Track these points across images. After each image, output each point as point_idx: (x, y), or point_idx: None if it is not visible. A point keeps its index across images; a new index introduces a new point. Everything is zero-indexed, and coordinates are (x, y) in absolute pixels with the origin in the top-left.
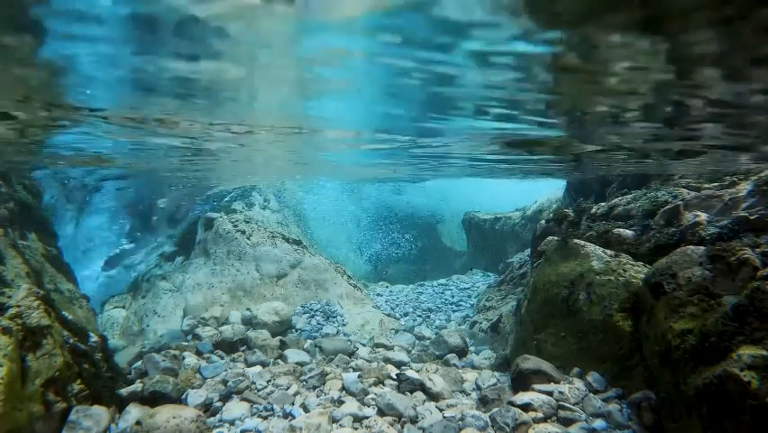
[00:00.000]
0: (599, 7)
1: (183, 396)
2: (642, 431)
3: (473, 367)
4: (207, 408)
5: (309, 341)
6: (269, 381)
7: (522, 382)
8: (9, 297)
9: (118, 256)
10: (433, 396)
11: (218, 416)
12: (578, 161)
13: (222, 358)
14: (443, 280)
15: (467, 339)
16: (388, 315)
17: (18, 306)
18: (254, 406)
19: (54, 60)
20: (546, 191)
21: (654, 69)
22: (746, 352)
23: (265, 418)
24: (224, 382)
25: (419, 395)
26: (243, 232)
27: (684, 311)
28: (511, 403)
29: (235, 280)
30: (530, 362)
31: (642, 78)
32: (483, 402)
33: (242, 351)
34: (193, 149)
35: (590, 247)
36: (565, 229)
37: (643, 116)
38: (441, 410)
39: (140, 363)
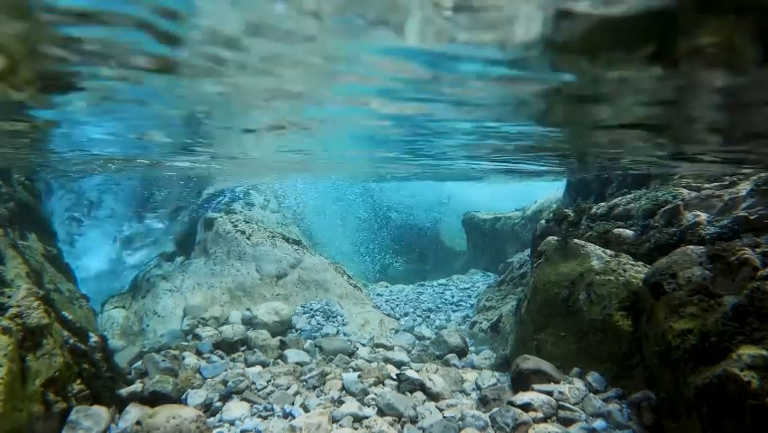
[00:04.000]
0: None
1: (183, 396)
2: (642, 431)
3: (473, 367)
4: (207, 408)
5: (309, 341)
6: (269, 381)
7: (522, 382)
8: (9, 297)
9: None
10: (433, 396)
11: (218, 416)
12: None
13: (222, 358)
14: (443, 280)
15: (467, 339)
16: (388, 315)
17: (18, 306)
18: (254, 406)
19: None
20: (546, 191)
21: None
22: (746, 352)
23: (265, 418)
24: (224, 382)
25: (419, 395)
26: (243, 232)
27: (684, 311)
28: (511, 403)
29: (235, 281)
30: (530, 362)
31: None
32: (483, 402)
33: (242, 351)
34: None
35: (590, 247)
36: (565, 229)
37: None
38: (441, 410)
39: (140, 363)
